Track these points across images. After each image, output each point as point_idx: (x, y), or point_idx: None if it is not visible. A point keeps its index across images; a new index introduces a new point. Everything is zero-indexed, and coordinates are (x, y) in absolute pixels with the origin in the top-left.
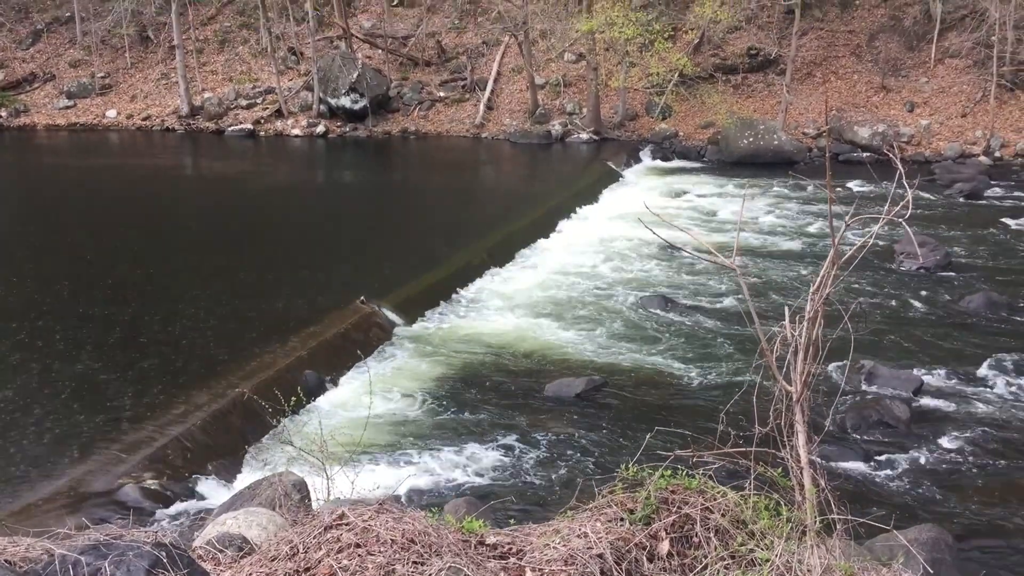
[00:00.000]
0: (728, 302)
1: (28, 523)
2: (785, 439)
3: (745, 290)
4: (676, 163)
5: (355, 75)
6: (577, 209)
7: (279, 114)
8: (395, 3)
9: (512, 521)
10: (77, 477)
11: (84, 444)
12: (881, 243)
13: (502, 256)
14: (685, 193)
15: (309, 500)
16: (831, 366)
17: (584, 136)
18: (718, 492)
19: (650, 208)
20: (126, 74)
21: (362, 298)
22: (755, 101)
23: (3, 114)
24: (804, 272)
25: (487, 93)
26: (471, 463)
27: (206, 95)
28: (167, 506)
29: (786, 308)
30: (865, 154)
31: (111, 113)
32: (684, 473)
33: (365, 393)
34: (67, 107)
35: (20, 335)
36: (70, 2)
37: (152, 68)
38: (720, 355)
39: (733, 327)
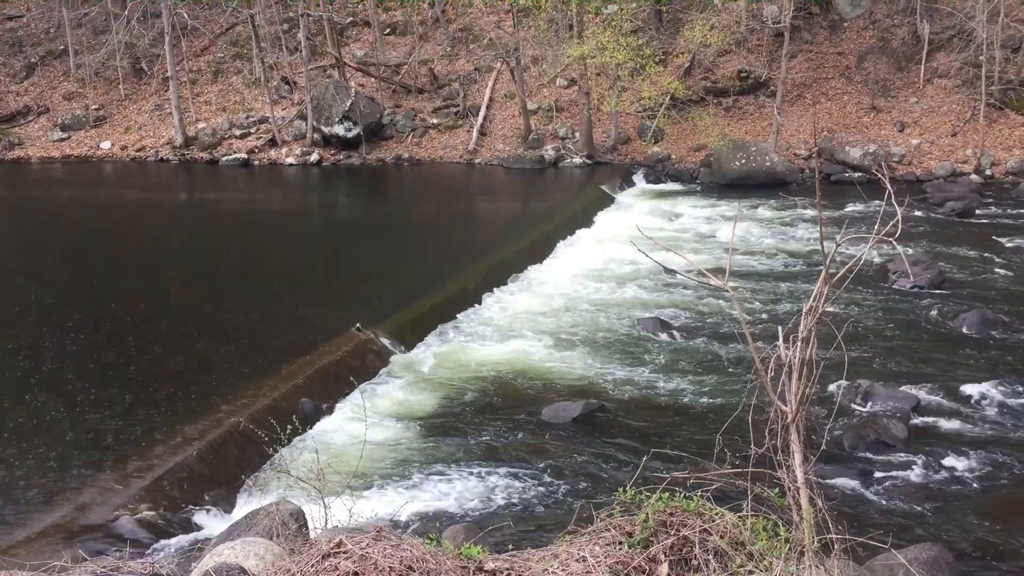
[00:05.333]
0: (723, 323)
1: (25, 556)
2: (782, 459)
3: (739, 311)
4: (669, 186)
5: (348, 103)
6: (571, 233)
7: (273, 143)
8: (387, 32)
9: (511, 546)
10: (73, 509)
11: (80, 476)
12: (875, 262)
13: (497, 281)
14: (679, 216)
15: (307, 529)
16: (826, 386)
17: (577, 160)
18: (716, 514)
19: (643, 232)
20: (120, 106)
21: (358, 325)
22: (746, 123)
23: None
24: (797, 293)
25: (480, 119)
26: (468, 489)
27: (200, 125)
28: (164, 538)
29: (780, 328)
30: (856, 174)
31: (105, 145)
32: (682, 495)
33: (361, 420)
34: (61, 139)
35: (15, 368)
36: (64, 35)
37: (146, 99)
38: (716, 376)
39: (728, 348)
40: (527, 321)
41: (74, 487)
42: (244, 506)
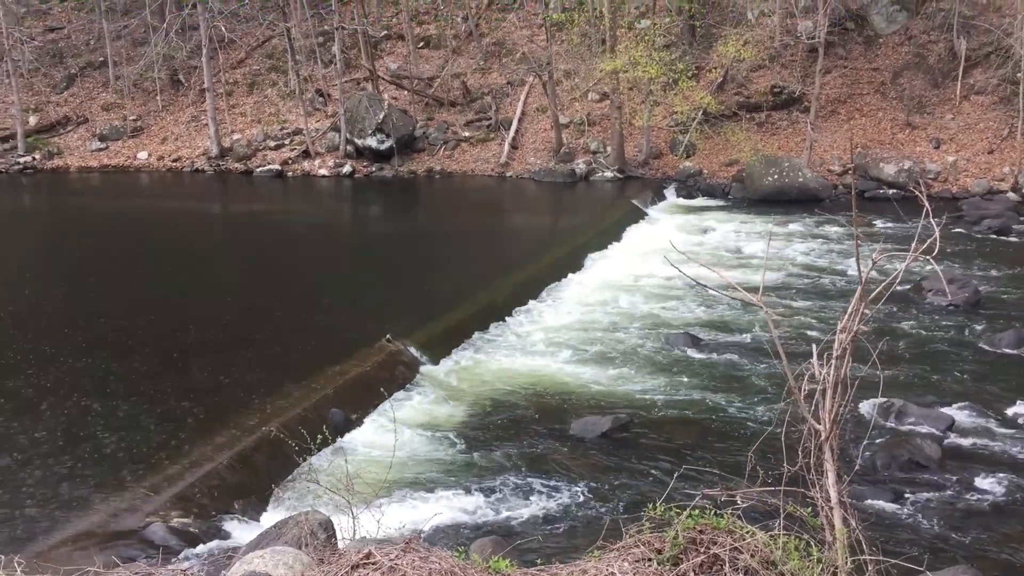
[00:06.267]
0: (754, 339)
1: (58, 561)
2: (815, 478)
3: (772, 327)
4: (701, 201)
5: (381, 116)
6: (602, 247)
7: (306, 155)
8: (421, 45)
9: (539, 561)
10: (106, 515)
11: (112, 482)
12: (910, 280)
13: (527, 294)
14: (710, 231)
15: (335, 539)
16: (860, 404)
17: (608, 174)
18: (747, 532)
19: (676, 246)
20: (157, 117)
21: (388, 336)
22: (779, 139)
23: (37, 156)
24: (831, 309)
25: (512, 132)
26: (497, 502)
27: (235, 137)
28: (194, 545)
29: (813, 346)
30: (891, 191)
31: (142, 155)
32: (712, 512)
33: (390, 431)
34: (99, 149)
35: (50, 375)
36: (103, 47)
37: (183, 111)
38: (747, 393)
39: (760, 365)
40: (556, 335)
41: (107, 493)
42: (273, 515)
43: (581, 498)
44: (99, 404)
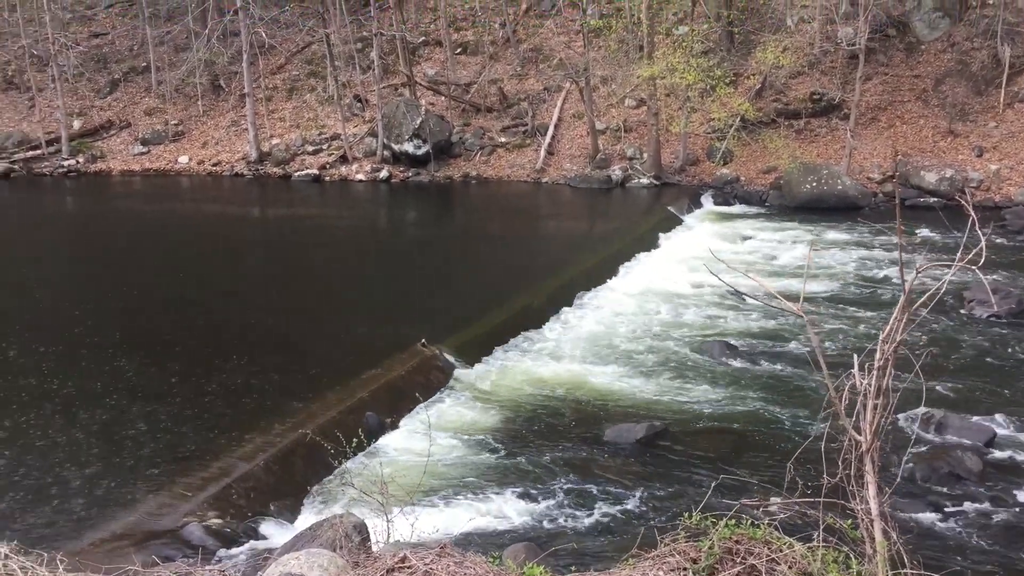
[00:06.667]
0: (791, 349)
1: (97, 559)
2: (855, 490)
3: (813, 337)
4: (737, 208)
5: (418, 121)
6: (637, 254)
7: (344, 160)
8: (458, 51)
9: (573, 568)
10: (144, 515)
11: (150, 482)
12: (952, 290)
13: (562, 300)
14: (747, 238)
15: (369, 542)
16: (899, 415)
17: (644, 181)
18: (784, 543)
19: (715, 254)
20: (198, 121)
21: (423, 341)
22: (818, 146)
23: (80, 160)
24: (871, 319)
25: (548, 138)
26: (530, 508)
27: (274, 141)
28: (230, 546)
29: (855, 356)
30: (932, 199)
31: (183, 159)
32: (748, 523)
33: (424, 436)
34: (141, 153)
35: (88, 376)
36: (146, 52)
37: (223, 115)
38: (785, 403)
39: (798, 374)
40: (591, 341)
41: (145, 493)
42: (308, 517)
43: (615, 505)
44: (137, 405)
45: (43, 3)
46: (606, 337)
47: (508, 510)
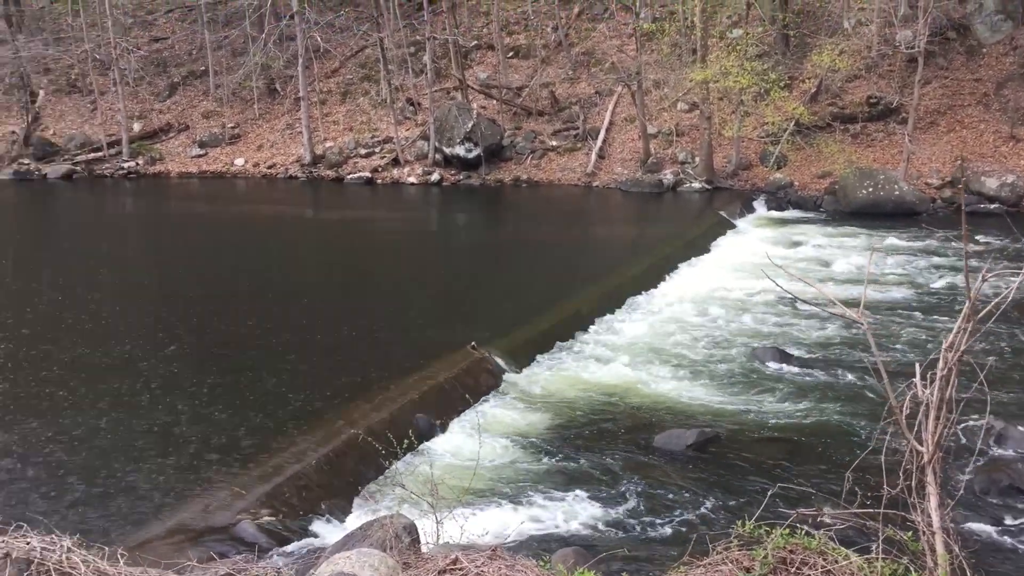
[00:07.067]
0: (847, 356)
1: (153, 553)
2: (916, 502)
3: (873, 345)
4: (791, 213)
5: (470, 125)
6: (689, 258)
7: (396, 162)
8: (511, 55)
9: (623, 574)
10: (198, 512)
11: (205, 479)
12: (1017, 298)
13: (612, 304)
14: (801, 244)
15: (419, 543)
16: (958, 425)
17: (696, 185)
18: (840, 554)
19: (772, 258)
20: (254, 124)
21: (472, 343)
22: (875, 151)
23: (140, 162)
24: (933, 327)
25: (599, 142)
26: (578, 512)
27: (327, 144)
28: (282, 544)
29: (917, 365)
30: (992, 205)
31: (239, 161)
32: (803, 533)
33: (473, 438)
34: (199, 155)
35: (144, 375)
36: (205, 57)
37: (278, 119)
38: (841, 411)
39: (854, 382)
40: (641, 346)
41: (199, 490)
42: (359, 517)
43: (665, 512)
44: (191, 405)
45: (106, 8)
46: (656, 342)
47: (557, 514)
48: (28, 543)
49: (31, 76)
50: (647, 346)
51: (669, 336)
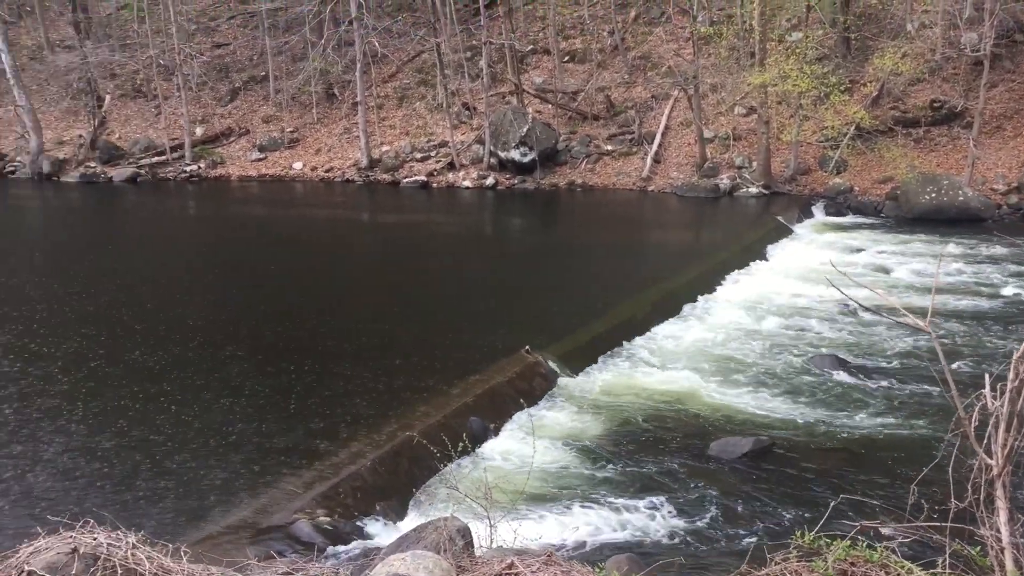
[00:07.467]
0: (909, 365)
1: (213, 551)
2: (984, 516)
3: (940, 354)
4: (851, 219)
5: (525, 129)
6: (745, 264)
7: (451, 166)
8: (566, 59)
9: None
10: (256, 510)
11: (262, 479)
12: None
13: (667, 310)
14: (861, 250)
15: (472, 547)
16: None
17: (753, 190)
18: (904, 568)
19: (835, 265)
20: (312, 129)
21: (527, 348)
22: (938, 155)
23: (202, 165)
24: (1002, 337)
25: (654, 146)
26: (632, 519)
27: (384, 148)
28: (337, 543)
29: (986, 376)
30: None
31: (297, 165)
32: (865, 545)
33: (527, 442)
34: (258, 159)
35: (202, 377)
36: (265, 62)
37: (336, 123)
38: (904, 422)
39: (916, 392)
40: (695, 352)
41: (256, 489)
42: (413, 518)
43: (720, 521)
44: (248, 406)
45: (170, 15)
46: (711, 348)
47: (610, 521)
48: (95, 538)
49: (98, 81)
50: (702, 352)
51: (724, 342)
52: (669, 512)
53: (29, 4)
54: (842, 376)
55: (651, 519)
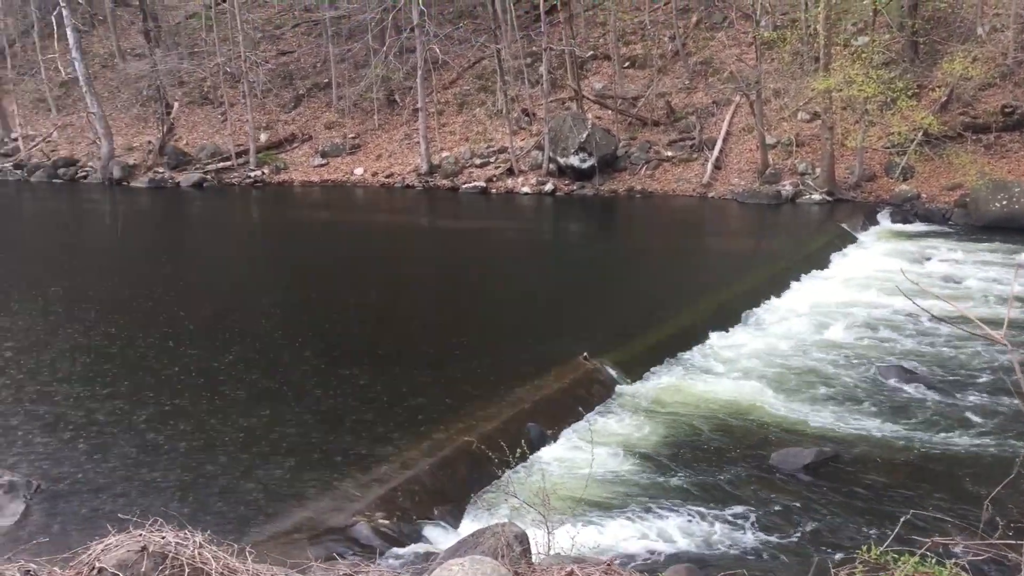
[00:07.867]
0: (979, 378)
1: (275, 552)
2: None
3: (1018, 368)
4: (917, 226)
5: (584, 135)
6: (808, 272)
7: (510, 172)
8: (627, 65)
9: None
10: (315, 512)
11: (321, 482)
12: None
13: (727, 318)
14: (929, 258)
15: (530, 553)
16: None
17: (816, 197)
18: None
19: (885, 275)
20: (373, 135)
21: (585, 354)
22: (1010, 162)
23: (266, 171)
24: None
25: (715, 152)
26: (692, 529)
27: (444, 154)
28: (395, 546)
29: None
30: None
31: (358, 171)
32: (933, 561)
33: (584, 449)
34: (320, 165)
35: (265, 380)
36: (328, 69)
37: (396, 129)
38: (975, 436)
39: (990, 406)
40: (756, 361)
41: (317, 491)
42: (471, 523)
43: (781, 532)
44: (307, 410)
45: (237, 23)
46: (772, 357)
47: (669, 529)
48: (164, 537)
49: (167, 89)
50: (763, 361)
51: (786, 351)
52: (730, 522)
53: (102, 13)
54: (910, 388)
55: (711, 528)
